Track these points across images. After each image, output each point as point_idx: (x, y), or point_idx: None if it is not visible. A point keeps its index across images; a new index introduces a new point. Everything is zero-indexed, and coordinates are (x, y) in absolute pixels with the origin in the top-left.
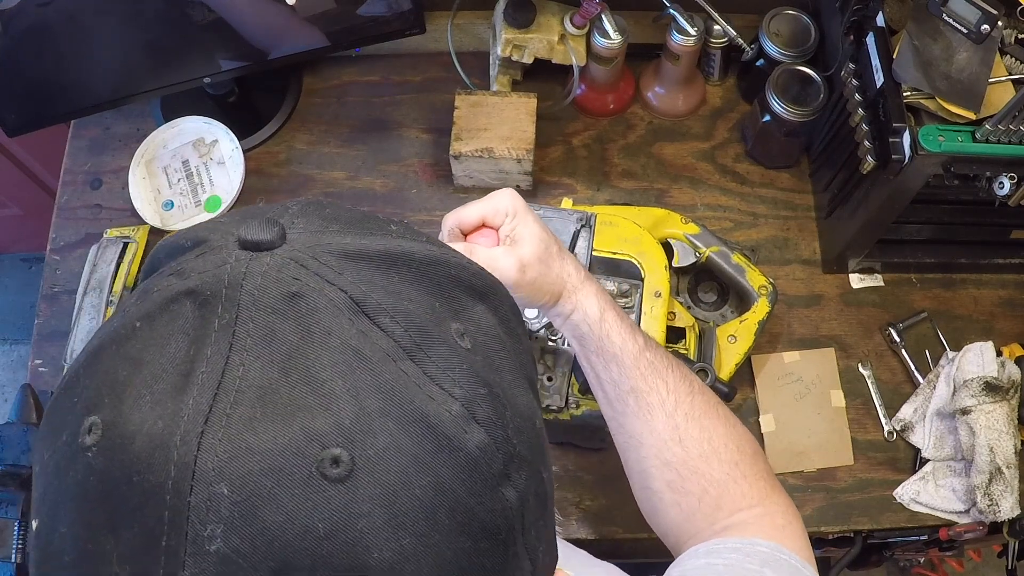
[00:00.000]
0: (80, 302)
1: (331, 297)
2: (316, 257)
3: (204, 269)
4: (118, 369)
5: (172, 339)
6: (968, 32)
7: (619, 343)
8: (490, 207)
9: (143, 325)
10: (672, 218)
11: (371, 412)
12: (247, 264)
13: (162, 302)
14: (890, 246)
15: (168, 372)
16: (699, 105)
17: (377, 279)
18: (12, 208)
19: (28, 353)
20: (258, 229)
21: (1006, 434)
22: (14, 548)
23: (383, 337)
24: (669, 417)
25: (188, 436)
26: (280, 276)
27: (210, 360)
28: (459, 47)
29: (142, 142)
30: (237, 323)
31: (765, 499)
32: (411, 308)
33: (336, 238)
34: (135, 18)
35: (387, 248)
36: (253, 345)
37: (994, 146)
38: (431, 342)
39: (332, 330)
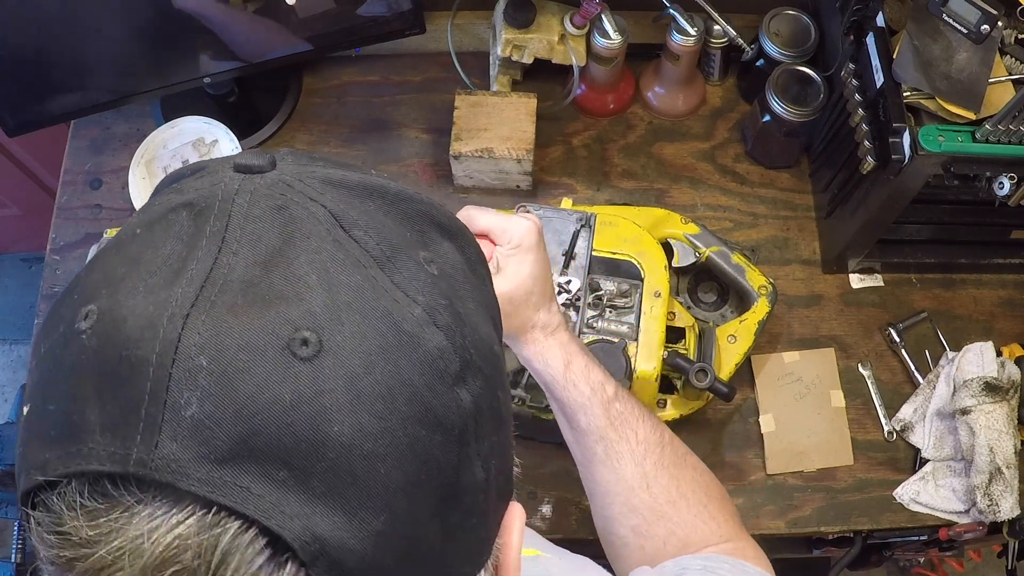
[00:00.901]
0: None
1: (312, 211)
2: (302, 179)
3: (201, 187)
4: (116, 267)
5: (168, 242)
6: (968, 32)
7: (587, 392)
8: (501, 226)
9: (143, 231)
10: (672, 218)
11: (340, 304)
12: (240, 183)
13: (161, 212)
14: (890, 246)
15: (162, 269)
16: (699, 105)
17: (355, 203)
18: (12, 208)
19: (28, 353)
20: (252, 156)
21: (1006, 434)
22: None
23: (356, 247)
24: (638, 465)
25: (175, 317)
26: (269, 192)
27: (200, 259)
28: (459, 47)
29: (142, 142)
30: (227, 230)
31: (734, 537)
32: (383, 228)
33: (321, 169)
34: (135, 18)
35: (365, 180)
36: (240, 248)
37: (994, 146)
38: (400, 257)
39: (311, 235)
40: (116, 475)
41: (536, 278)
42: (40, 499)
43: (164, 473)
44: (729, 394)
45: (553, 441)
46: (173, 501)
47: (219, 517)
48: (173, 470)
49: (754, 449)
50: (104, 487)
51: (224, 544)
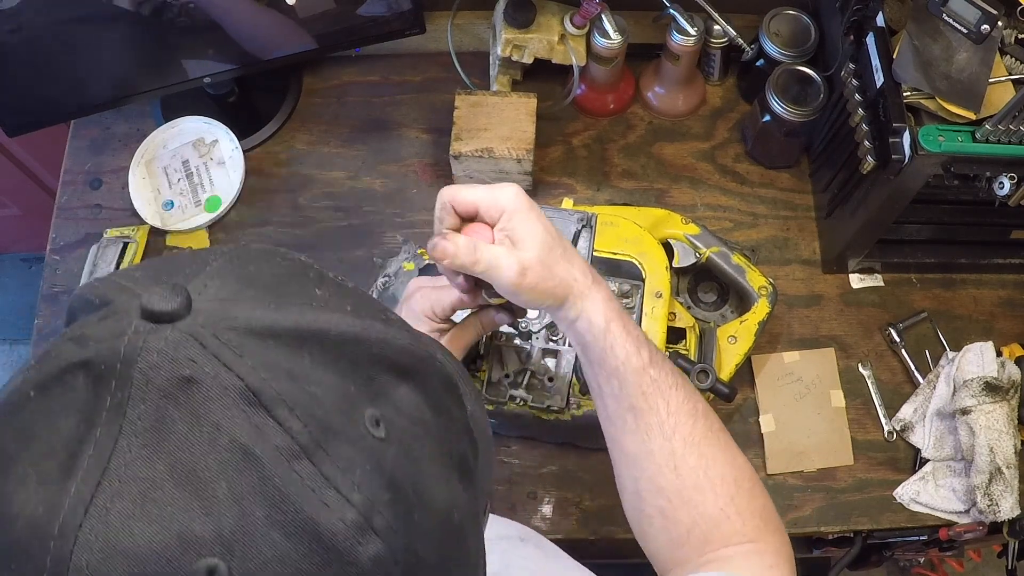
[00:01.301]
0: None
1: (225, 384)
2: (217, 335)
3: (102, 338)
4: (7, 441)
5: (63, 414)
6: (968, 32)
7: (622, 357)
8: (489, 198)
9: (36, 395)
10: (672, 218)
11: (256, 520)
12: (145, 338)
13: (57, 372)
14: (890, 246)
15: (56, 451)
16: (699, 105)
17: (283, 361)
18: (12, 208)
19: (28, 353)
20: (160, 298)
21: (1006, 434)
22: None
23: (279, 432)
24: (667, 440)
25: (66, 528)
26: (176, 355)
27: (98, 443)
28: (459, 47)
29: (142, 142)
30: (128, 404)
31: (757, 537)
32: (317, 395)
33: (245, 310)
34: (135, 18)
35: (300, 324)
36: (143, 431)
37: (994, 146)
38: (333, 438)
39: (222, 424)
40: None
41: (550, 231)
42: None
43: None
44: (730, 395)
45: (553, 441)
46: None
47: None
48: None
49: (754, 449)
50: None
51: None
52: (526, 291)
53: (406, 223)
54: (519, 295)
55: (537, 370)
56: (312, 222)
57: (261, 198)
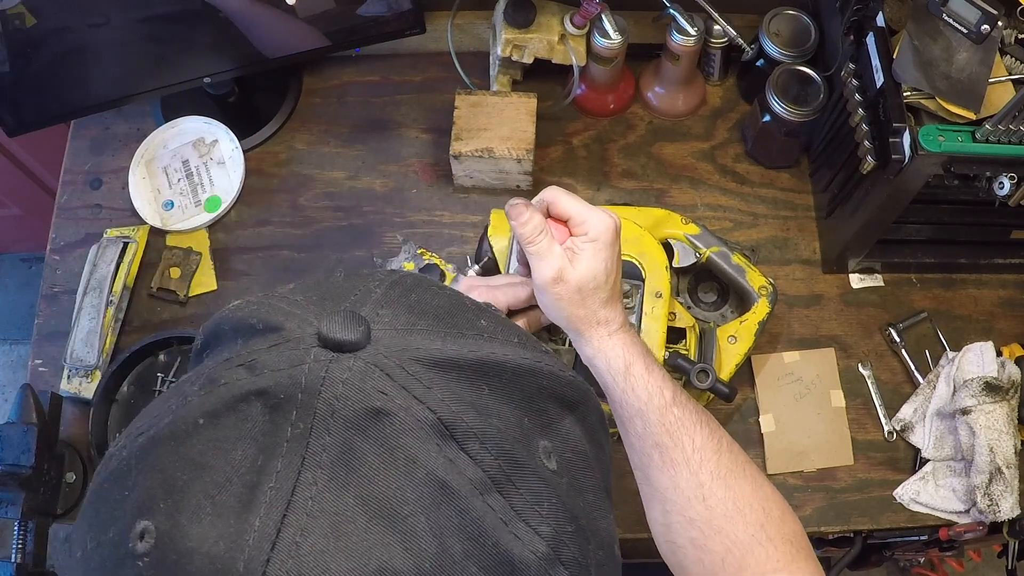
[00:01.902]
0: (80, 302)
1: (419, 417)
2: (403, 366)
3: (278, 366)
4: (176, 471)
5: (239, 444)
6: (968, 32)
7: (644, 397)
8: (582, 215)
9: (207, 423)
10: (672, 218)
11: (454, 555)
12: (327, 367)
13: (230, 400)
14: (890, 246)
15: (232, 482)
16: (699, 105)
17: (467, 394)
18: (12, 208)
19: (28, 353)
20: (342, 326)
21: (1006, 434)
22: (14, 548)
23: (471, 466)
24: (694, 475)
25: (252, 564)
26: (363, 386)
27: (280, 475)
28: (459, 47)
29: (142, 142)
30: (311, 435)
31: (790, 563)
32: (501, 428)
33: (425, 341)
34: (135, 18)
35: (479, 357)
36: (328, 463)
37: (994, 146)
38: (520, 471)
39: (418, 458)
40: None
41: (608, 274)
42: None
43: None
44: (730, 395)
45: None
46: None
47: None
48: None
49: (754, 449)
50: None
51: None
52: (550, 296)
53: (406, 223)
54: (543, 295)
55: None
56: (312, 222)
57: (261, 198)
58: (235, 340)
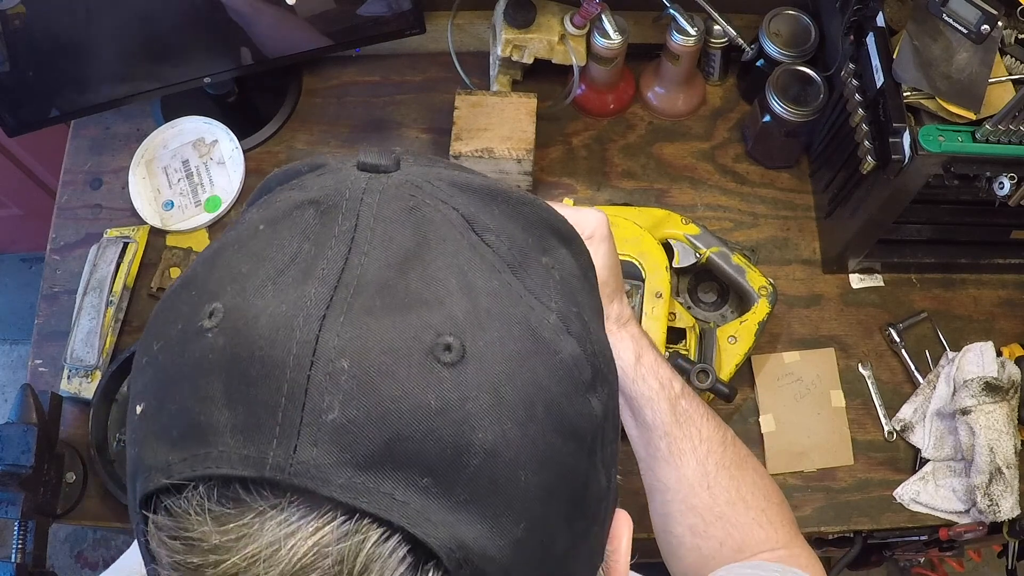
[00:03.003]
0: (80, 302)
1: (445, 213)
2: (429, 181)
3: (326, 185)
4: (240, 263)
5: (294, 240)
6: (968, 32)
7: (656, 388)
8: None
9: (266, 228)
10: (672, 218)
11: (481, 310)
12: (367, 182)
13: (285, 209)
14: (890, 246)
15: (290, 267)
16: (699, 105)
17: (482, 207)
18: (12, 208)
19: (28, 353)
20: (376, 155)
21: (1006, 434)
22: (14, 548)
23: (490, 252)
24: (700, 464)
25: (311, 318)
26: (398, 193)
27: (330, 259)
28: (459, 47)
29: (142, 142)
30: (357, 230)
31: (789, 543)
32: (511, 233)
33: (445, 171)
34: (135, 18)
35: (488, 184)
36: (371, 249)
37: (994, 146)
38: (529, 262)
39: (447, 238)
40: (249, 479)
41: (610, 269)
42: (161, 502)
43: (304, 479)
44: (730, 395)
45: None
46: (310, 507)
47: (361, 524)
48: (313, 476)
49: (754, 449)
50: (235, 491)
51: (367, 551)
52: None
53: None
54: None
55: None
56: None
57: None
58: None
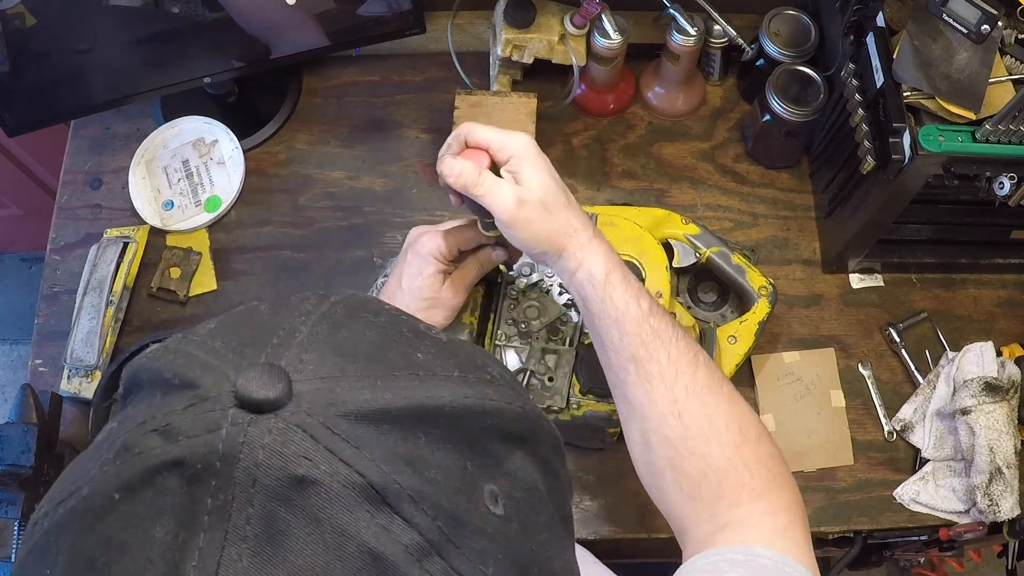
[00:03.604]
0: (80, 302)
1: (346, 483)
2: (328, 425)
3: (194, 432)
4: (96, 551)
5: (158, 521)
6: (968, 32)
7: (622, 307)
8: (500, 139)
9: (122, 498)
10: (672, 218)
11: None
12: (245, 431)
13: (144, 472)
14: (890, 246)
15: (154, 562)
16: (699, 105)
17: (400, 448)
18: (12, 208)
19: (28, 353)
20: (259, 384)
21: (1006, 434)
22: (14, 548)
23: (407, 531)
24: (668, 389)
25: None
26: (285, 452)
27: (202, 551)
28: (459, 47)
29: (142, 142)
30: (232, 507)
31: (767, 492)
32: (439, 482)
33: (353, 392)
34: (135, 18)
35: (413, 403)
36: (253, 536)
37: (994, 146)
38: (461, 528)
39: (347, 529)
40: None
41: (557, 181)
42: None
43: None
44: None
45: None
46: None
47: None
48: None
49: None
50: None
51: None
52: (521, 225)
53: (406, 223)
54: (514, 228)
55: (537, 370)
56: (312, 222)
57: (261, 198)
58: (152, 393)
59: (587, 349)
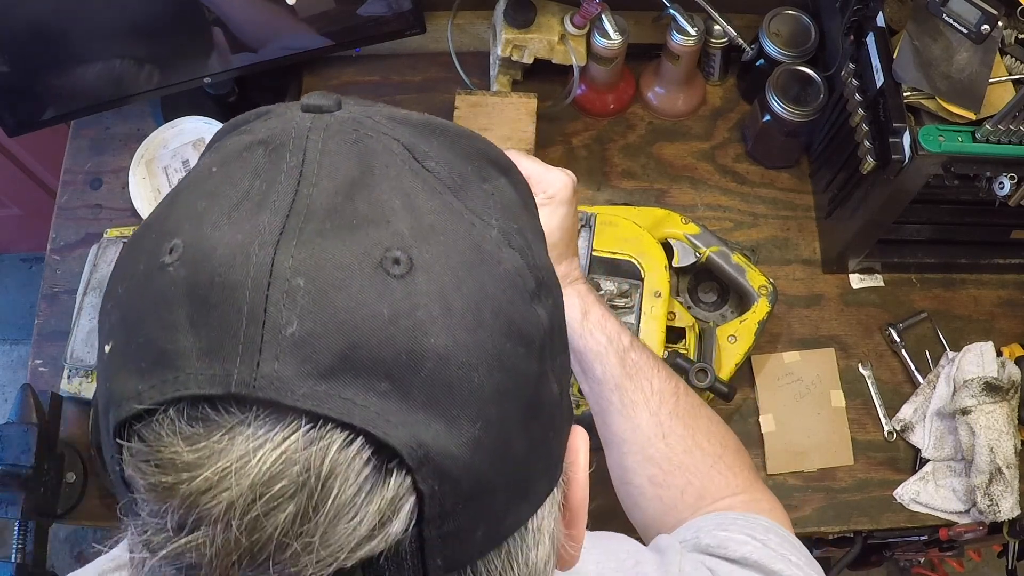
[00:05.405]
0: (80, 302)
1: (386, 143)
2: (371, 117)
3: (273, 127)
4: (196, 202)
5: (245, 178)
6: (968, 32)
7: (604, 342)
8: (539, 174)
9: (219, 169)
10: (672, 218)
11: (425, 226)
12: (311, 121)
13: (236, 150)
14: (890, 246)
15: (243, 202)
16: (699, 105)
17: (422, 138)
18: (12, 208)
19: (28, 353)
20: (318, 97)
21: (1006, 434)
22: (14, 548)
23: (431, 176)
24: (653, 415)
25: (266, 244)
26: (342, 128)
27: (281, 192)
28: (459, 47)
29: (142, 142)
30: (304, 164)
31: (749, 488)
32: (450, 161)
33: (384, 108)
34: (135, 17)
35: (427, 119)
36: (319, 180)
37: (994, 146)
38: (470, 186)
39: (389, 164)
40: (216, 398)
41: (564, 231)
42: (133, 430)
43: (268, 391)
44: (729, 394)
45: None
46: (276, 419)
47: (324, 430)
48: (277, 387)
49: (754, 449)
50: (203, 411)
51: (331, 456)
52: None
53: None
54: None
55: None
56: None
57: None
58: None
59: None
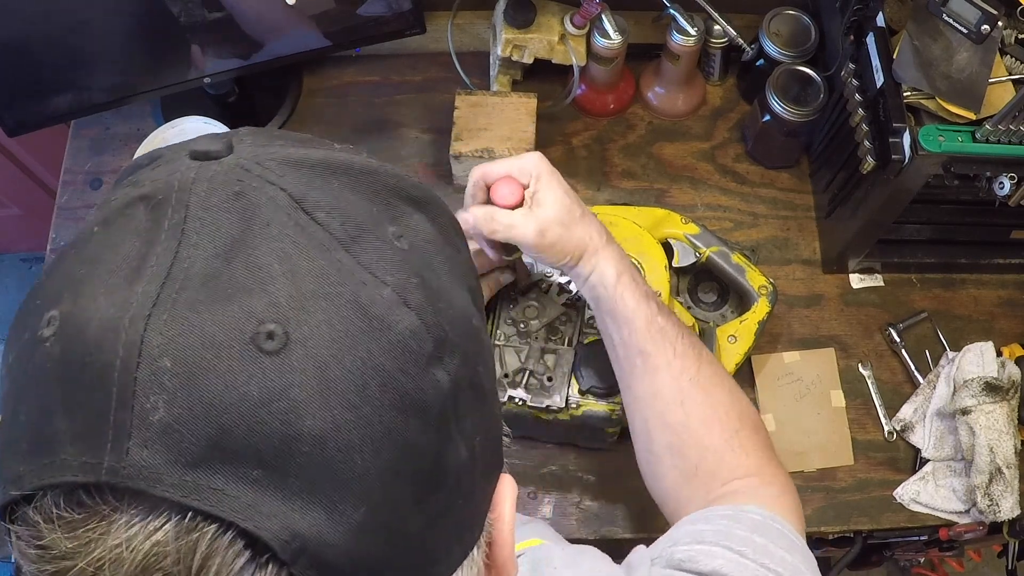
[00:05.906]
0: None
1: (271, 195)
2: (260, 163)
3: (157, 177)
4: (76, 268)
5: (126, 239)
6: (968, 32)
7: (632, 306)
8: (516, 166)
9: (100, 230)
10: (672, 218)
11: (305, 292)
12: (196, 171)
13: (118, 208)
14: (890, 246)
15: (121, 268)
16: (699, 105)
17: (317, 182)
18: (12, 208)
19: None
20: (207, 141)
21: (1006, 434)
22: None
23: (319, 230)
24: (674, 380)
25: (136, 318)
26: (226, 179)
27: (159, 255)
28: (459, 47)
29: (142, 142)
30: (186, 221)
31: (761, 470)
32: (348, 208)
33: (280, 149)
34: (135, 17)
35: (327, 158)
36: (200, 239)
37: (994, 146)
38: (366, 236)
39: (271, 222)
40: (90, 485)
41: (570, 195)
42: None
43: (137, 480)
44: None
45: (553, 441)
46: (149, 508)
47: (195, 522)
48: (145, 476)
49: None
50: (79, 497)
51: (203, 548)
52: (547, 249)
53: None
54: (541, 253)
55: (536, 370)
56: None
57: None
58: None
59: (586, 349)
